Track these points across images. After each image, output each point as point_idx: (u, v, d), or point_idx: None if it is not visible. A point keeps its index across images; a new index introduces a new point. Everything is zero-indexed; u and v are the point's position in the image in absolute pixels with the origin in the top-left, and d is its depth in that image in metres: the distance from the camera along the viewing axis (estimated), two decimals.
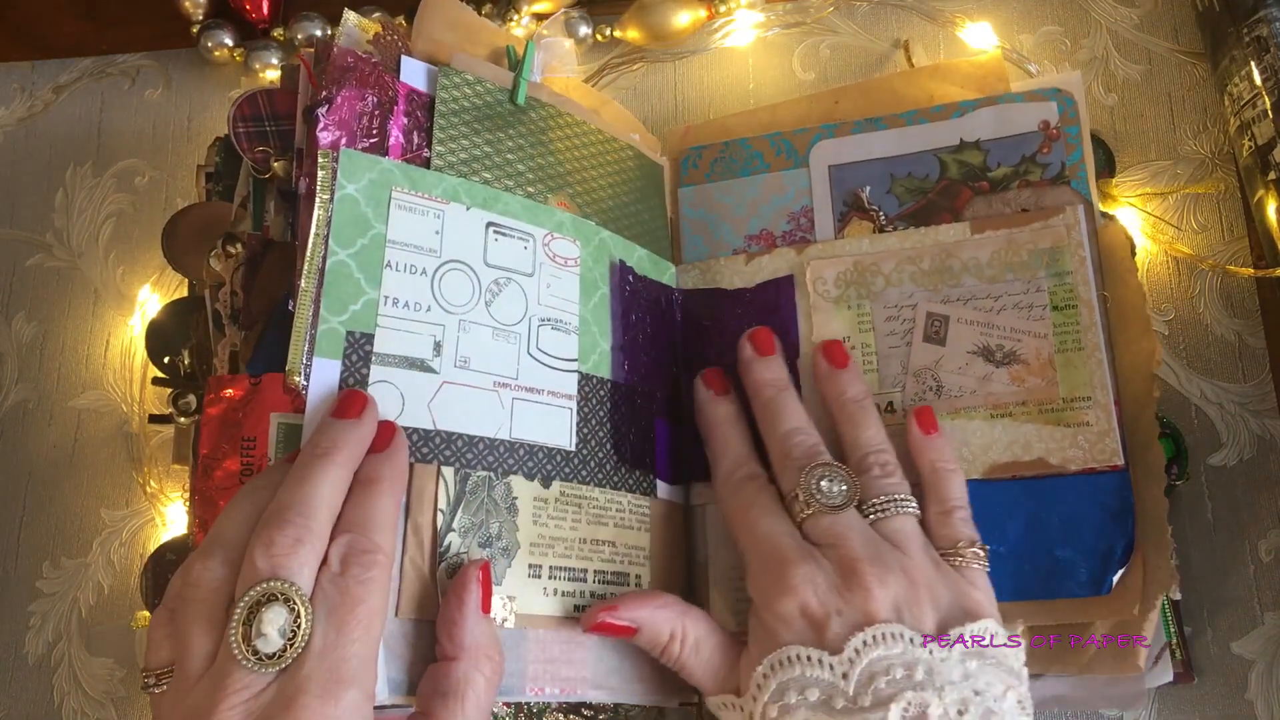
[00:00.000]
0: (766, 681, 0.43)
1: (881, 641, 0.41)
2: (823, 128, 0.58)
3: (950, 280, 0.53)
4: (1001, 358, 0.51)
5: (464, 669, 0.41)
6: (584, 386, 0.51)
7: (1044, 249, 0.51)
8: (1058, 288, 0.51)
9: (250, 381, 0.51)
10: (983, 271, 0.52)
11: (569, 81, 0.60)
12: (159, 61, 0.73)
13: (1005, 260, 0.52)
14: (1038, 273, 0.51)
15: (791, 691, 0.42)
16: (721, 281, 0.57)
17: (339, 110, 0.48)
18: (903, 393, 0.52)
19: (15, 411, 0.67)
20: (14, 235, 0.70)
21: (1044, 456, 0.49)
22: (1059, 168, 0.54)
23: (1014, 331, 0.51)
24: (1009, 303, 0.52)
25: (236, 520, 0.40)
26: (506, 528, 0.47)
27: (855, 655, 0.41)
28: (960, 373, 0.51)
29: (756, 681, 0.43)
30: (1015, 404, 0.50)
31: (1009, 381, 0.51)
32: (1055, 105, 0.54)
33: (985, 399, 0.51)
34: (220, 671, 0.36)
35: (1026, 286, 0.51)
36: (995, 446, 0.50)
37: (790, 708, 0.41)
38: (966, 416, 0.51)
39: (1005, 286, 0.52)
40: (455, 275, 0.48)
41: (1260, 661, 0.53)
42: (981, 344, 0.51)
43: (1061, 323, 0.51)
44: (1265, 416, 0.56)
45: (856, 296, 0.54)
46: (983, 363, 0.51)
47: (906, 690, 0.40)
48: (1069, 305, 0.51)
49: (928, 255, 0.53)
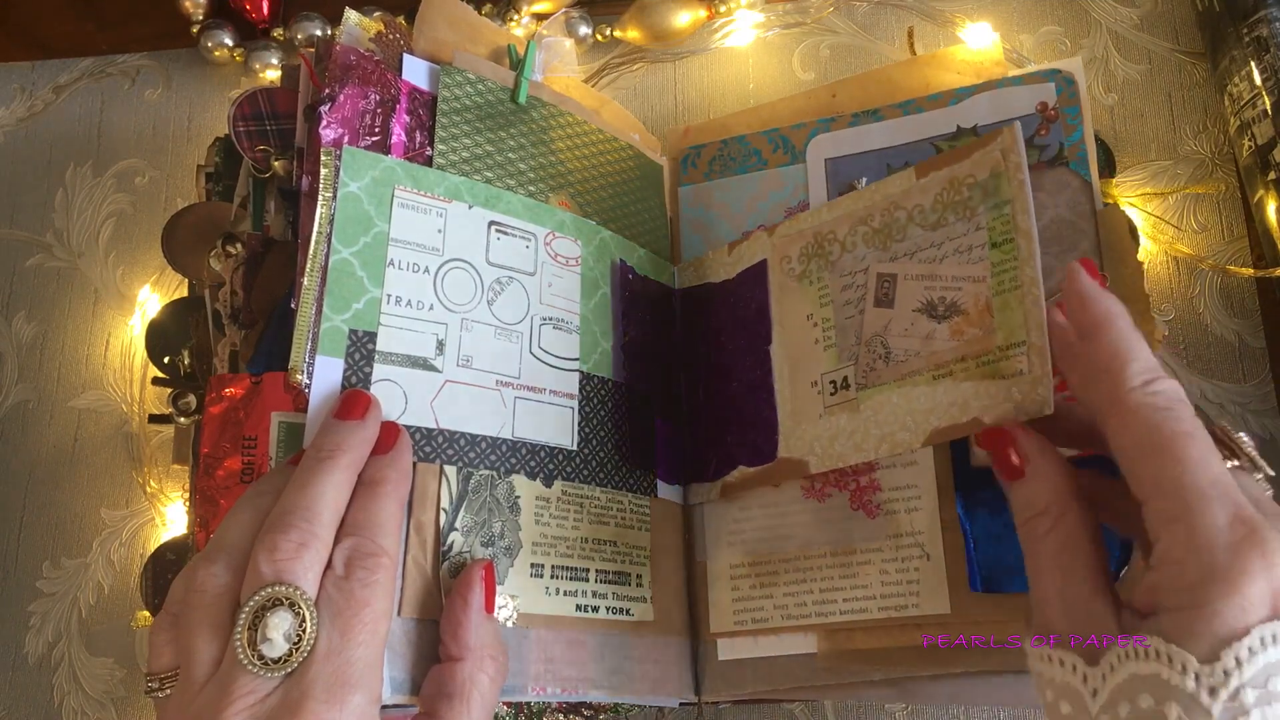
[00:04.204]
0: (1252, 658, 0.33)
1: None
2: (820, 122, 0.58)
3: (898, 235, 0.49)
4: (944, 311, 0.46)
5: (468, 669, 0.41)
6: (585, 386, 0.51)
7: (982, 179, 0.46)
8: (996, 220, 0.45)
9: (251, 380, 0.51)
10: (927, 218, 0.48)
11: (569, 81, 0.60)
12: (159, 61, 0.73)
13: (947, 201, 0.47)
14: (977, 209, 0.46)
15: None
16: (711, 276, 0.57)
17: (341, 108, 0.48)
18: (855, 365, 0.49)
19: (15, 411, 0.67)
20: (14, 235, 0.70)
21: (979, 415, 0.44)
22: (1057, 149, 0.53)
23: (955, 280, 0.46)
24: (950, 249, 0.47)
25: (240, 524, 0.40)
26: (509, 527, 0.47)
27: None
28: (906, 335, 0.47)
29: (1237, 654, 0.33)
30: (955, 361, 0.45)
31: (949, 337, 0.46)
32: (1053, 86, 0.53)
33: (929, 359, 0.46)
34: (225, 677, 0.36)
35: (967, 227, 0.46)
36: (936, 410, 0.45)
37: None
38: (911, 383, 0.47)
39: (947, 231, 0.47)
40: (458, 274, 0.48)
41: None
42: (925, 299, 0.47)
43: (999, 261, 0.45)
44: (1265, 416, 0.57)
45: (817, 269, 0.52)
46: (926, 320, 0.47)
47: None
48: (1006, 240, 0.45)
49: (878, 212, 0.50)
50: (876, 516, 0.50)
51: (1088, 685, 0.35)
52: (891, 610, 0.48)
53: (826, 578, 0.50)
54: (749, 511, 0.53)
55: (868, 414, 0.48)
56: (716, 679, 0.51)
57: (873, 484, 0.51)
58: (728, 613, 0.52)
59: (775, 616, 0.51)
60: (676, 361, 0.56)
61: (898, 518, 0.50)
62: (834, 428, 0.49)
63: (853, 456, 0.48)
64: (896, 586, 0.49)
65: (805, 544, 0.51)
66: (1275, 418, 0.56)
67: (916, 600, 0.48)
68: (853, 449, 0.48)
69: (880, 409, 0.48)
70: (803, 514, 0.52)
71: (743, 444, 0.53)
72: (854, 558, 0.50)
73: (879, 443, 0.47)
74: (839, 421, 0.49)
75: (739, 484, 0.52)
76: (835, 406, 0.50)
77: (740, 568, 0.52)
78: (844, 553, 0.50)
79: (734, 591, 0.52)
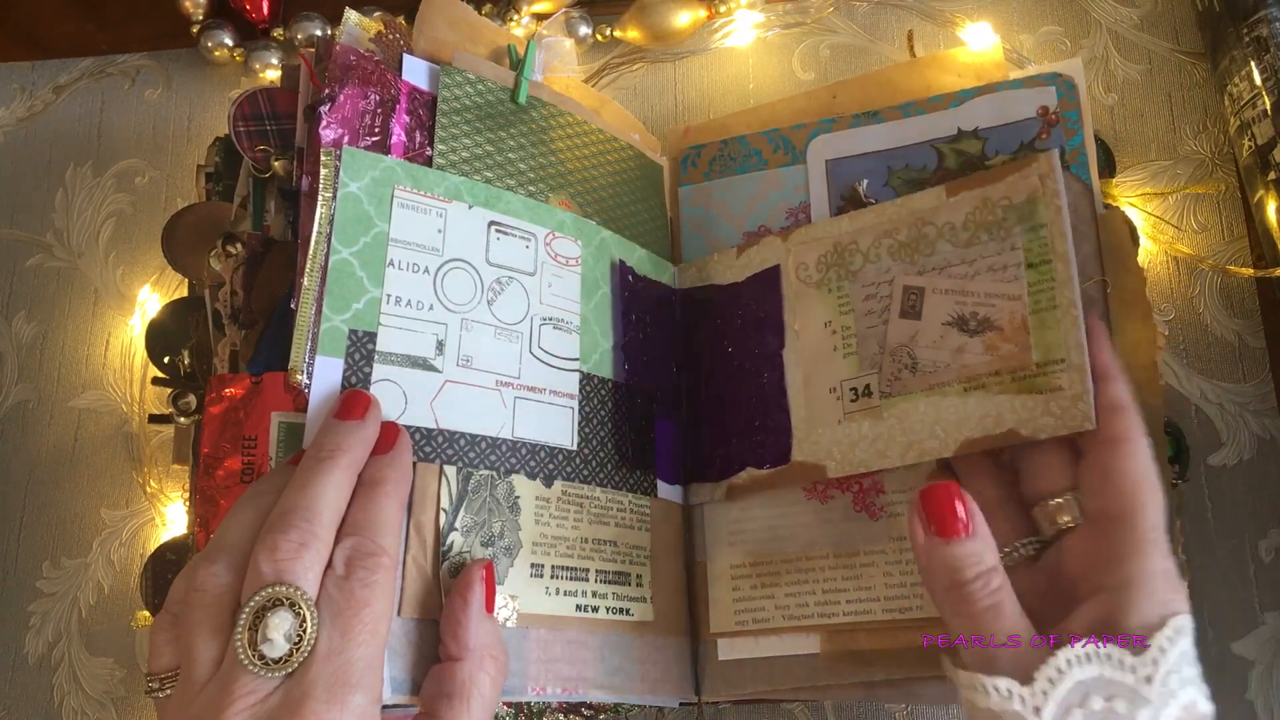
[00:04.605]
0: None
1: None
2: (820, 123, 0.58)
3: (926, 250, 0.50)
4: (975, 326, 0.48)
5: (469, 669, 0.41)
6: (585, 386, 0.51)
7: (1018, 203, 0.48)
8: (1032, 242, 0.47)
9: (251, 380, 0.51)
10: (958, 236, 0.49)
11: (569, 81, 0.60)
12: (159, 61, 0.73)
13: (980, 220, 0.49)
14: (1012, 230, 0.48)
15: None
16: (716, 277, 0.57)
17: (341, 108, 0.48)
18: (879, 373, 0.50)
19: (15, 411, 0.66)
20: (14, 235, 0.70)
21: (1015, 427, 0.46)
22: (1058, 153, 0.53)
23: (988, 297, 0.48)
24: (983, 266, 0.48)
25: (240, 525, 0.40)
26: (509, 527, 0.47)
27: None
28: (935, 347, 0.49)
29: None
30: (988, 374, 0.47)
31: (982, 351, 0.47)
32: (1054, 90, 0.53)
33: (959, 372, 0.48)
34: (226, 677, 0.36)
35: (1000, 246, 0.48)
36: (968, 421, 0.47)
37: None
38: (940, 393, 0.48)
39: (979, 250, 0.49)
40: (457, 274, 0.48)
41: (1260, 662, 0.53)
42: (956, 314, 0.48)
43: (1036, 281, 0.47)
44: (1265, 416, 0.57)
45: (836, 278, 0.52)
46: (957, 333, 0.48)
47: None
48: (1043, 261, 0.47)
49: (904, 226, 0.51)
50: (879, 519, 0.50)
51: (1028, 705, 0.37)
52: (895, 612, 0.48)
53: (829, 579, 0.50)
54: (750, 512, 0.53)
55: (892, 422, 0.49)
56: (716, 679, 0.51)
57: (875, 486, 0.51)
58: (728, 613, 0.52)
59: (777, 617, 0.51)
60: (677, 362, 0.56)
61: (900, 520, 0.50)
62: (854, 434, 0.50)
63: (876, 463, 0.49)
64: (900, 589, 0.49)
65: (807, 545, 0.51)
66: (1275, 418, 0.56)
67: (920, 602, 0.48)
68: (876, 455, 0.49)
69: (906, 417, 0.49)
70: (805, 515, 0.52)
71: (751, 446, 0.53)
72: (857, 559, 0.50)
73: (905, 450, 0.48)
74: (860, 428, 0.50)
75: (748, 485, 0.52)
76: (856, 413, 0.50)
77: (741, 568, 0.52)
78: (847, 554, 0.50)
79: (734, 591, 0.52)
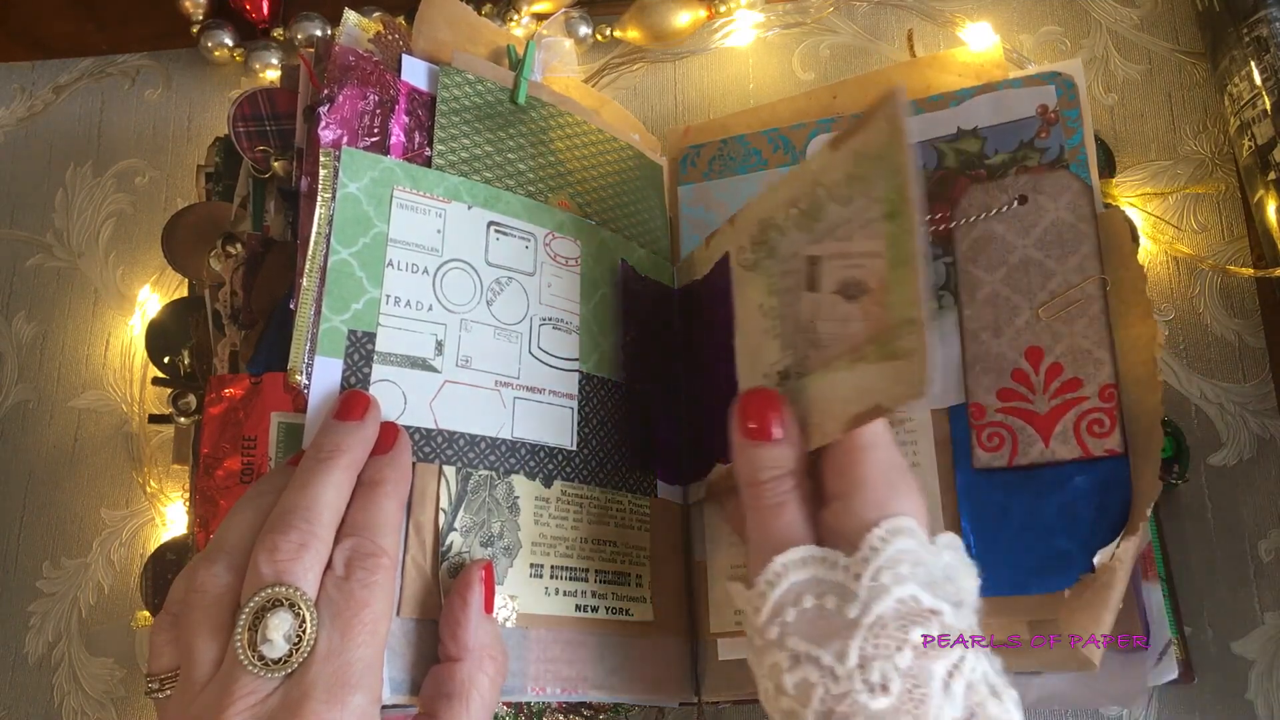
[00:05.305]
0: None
1: None
2: (820, 122, 0.58)
3: (819, 215, 0.45)
4: (854, 291, 0.43)
5: (468, 669, 0.41)
6: (585, 386, 0.51)
7: (876, 150, 0.42)
8: (890, 191, 0.41)
9: (251, 381, 0.51)
10: (839, 193, 0.44)
11: (569, 81, 0.60)
12: (159, 61, 0.73)
13: (854, 174, 0.43)
14: (876, 182, 0.42)
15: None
16: (696, 272, 0.56)
17: (340, 109, 0.48)
18: (794, 353, 0.46)
19: (15, 411, 0.67)
20: (14, 235, 0.70)
21: (880, 402, 0.40)
22: (1058, 152, 0.52)
23: (860, 257, 0.43)
24: (857, 224, 0.43)
25: (240, 525, 0.40)
26: (508, 527, 0.47)
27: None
28: (829, 319, 0.44)
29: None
30: (866, 343, 0.42)
31: (860, 318, 0.42)
32: (1054, 89, 0.53)
33: (846, 344, 0.43)
34: (226, 677, 0.36)
35: (869, 202, 0.42)
36: (851, 397, 0.42)
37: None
38: (834, 369, 0.43)
39: (855, 207, 0.43)
40: (457, 274, 0.48)
41: (1260, 661, 0.53)
42: (841, 279, 0.44)
43: (893, 234, 0.41)
44: (1265, 416, 0.57)
45: (765, 258, 0.49)
46: (843, 302, 0.44)
47: None
48: (899, 211, 0.41)
49: (805, 194, 0.46)
50: None
51: (750, 606, 0.40)
52: None
53: None
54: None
55: (804, 405, 0.44)
56: (716, 679, 0.51)
57: None
58: (728, 612, 0.52)
59: None
60: (676, 361, 0.56)
61: None
62: None
63: (806, 449, 0.45)
64: None
65: None
66: (1275, 418, 0.56)
67: None
68: (803, 442, 0.45)
69: (814, 398, 0.44)
70: None
71: (720, 440, 0.52)
72: None
73: (811, 433, 0.44)
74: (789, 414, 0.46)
75: (718, 481, 0.52)
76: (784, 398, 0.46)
77: (741, 568, 0.52)
78: None
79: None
